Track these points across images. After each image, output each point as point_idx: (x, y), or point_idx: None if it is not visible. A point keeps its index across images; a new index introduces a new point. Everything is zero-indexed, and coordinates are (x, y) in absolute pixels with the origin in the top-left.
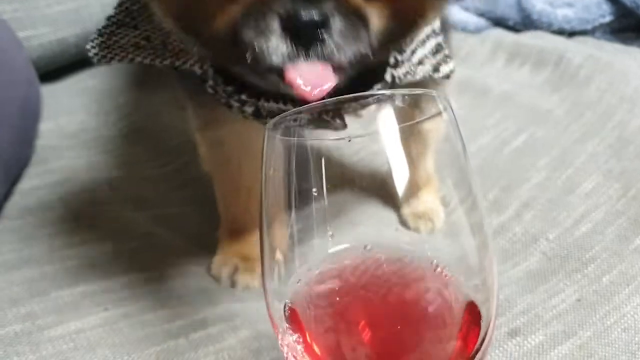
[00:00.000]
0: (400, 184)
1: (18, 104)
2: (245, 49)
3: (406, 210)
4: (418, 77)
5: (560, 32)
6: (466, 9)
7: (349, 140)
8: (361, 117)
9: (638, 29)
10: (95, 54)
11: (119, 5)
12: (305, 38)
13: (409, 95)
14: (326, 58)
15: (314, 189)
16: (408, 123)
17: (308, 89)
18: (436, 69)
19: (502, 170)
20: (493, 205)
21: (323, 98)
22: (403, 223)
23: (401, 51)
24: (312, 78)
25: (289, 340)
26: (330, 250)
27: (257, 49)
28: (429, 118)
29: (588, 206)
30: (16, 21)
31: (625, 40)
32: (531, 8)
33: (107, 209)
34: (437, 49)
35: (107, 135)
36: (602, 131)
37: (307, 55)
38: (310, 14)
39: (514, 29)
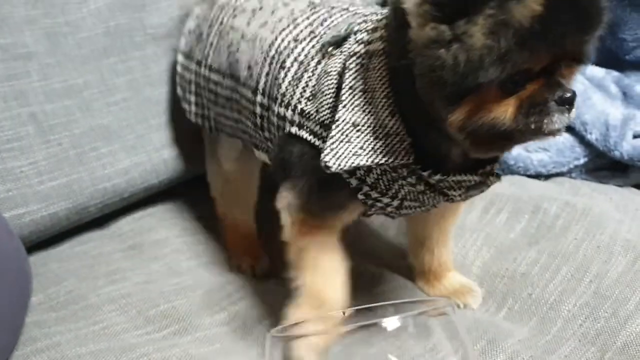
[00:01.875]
0: None
1: (6, 296)
2: (527, 124)
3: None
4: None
5: (537, 175)
6: None
7: None
8: None
9: (612, 167)
10: (333, 164)
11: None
12: (570, 107)
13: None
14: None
15: None
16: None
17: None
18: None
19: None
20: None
21: None
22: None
23: None
24: None
25: None
26: None
27: (540, 123)
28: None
29: None
30: (9, 200)
31: (601, 179)
32: (507, 154)
33: None
34: None
35: (95, 303)
36: (579, 288)
37: (569, 118)
38: (571, 93)
39: None
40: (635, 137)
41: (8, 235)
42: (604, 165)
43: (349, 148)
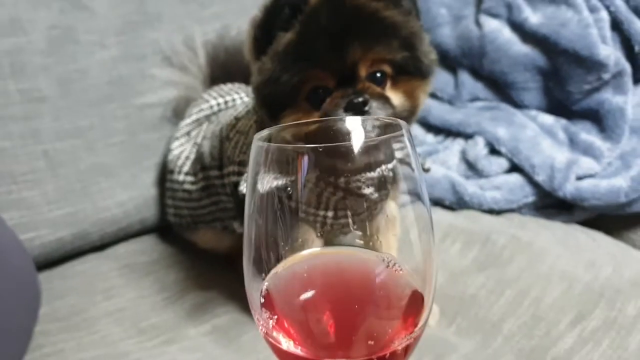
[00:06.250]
0: None
1: (20, 308)
2: None
3: None
4: None
5: (490, 211)
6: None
7: None
8: None
9: (559, 206)
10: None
11: None
12: (358, 113)
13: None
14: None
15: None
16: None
17: None
18: None
19: (434, 344)
20: None
21: None
22: None
23: None
24: None
25: (264, 318)
26: (302, 253)
27: None
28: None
29: None
30: (22, 225)
31: (548, 216)
32: (464, 191)
33: None
34: None
35: (94, 315)
36: (519, 310)
37: None
38: (358, 100)
39: (450, 208)
40: (578, 179)
41: (23, 254)
42: (551, 204)
43: None
